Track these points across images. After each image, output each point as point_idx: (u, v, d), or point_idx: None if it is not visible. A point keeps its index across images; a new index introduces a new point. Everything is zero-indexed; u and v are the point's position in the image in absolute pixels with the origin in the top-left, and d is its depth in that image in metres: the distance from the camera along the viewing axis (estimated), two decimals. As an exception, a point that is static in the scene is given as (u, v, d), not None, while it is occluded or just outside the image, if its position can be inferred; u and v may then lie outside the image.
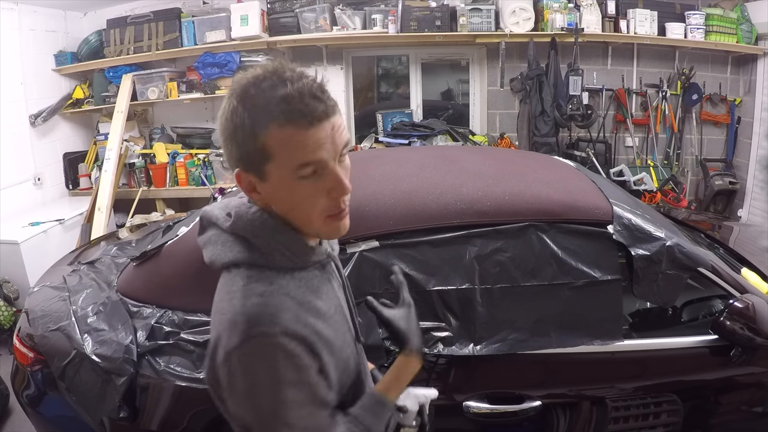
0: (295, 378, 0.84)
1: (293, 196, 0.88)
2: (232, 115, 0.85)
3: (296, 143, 0.83)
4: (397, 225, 1.70)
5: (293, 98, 0.82)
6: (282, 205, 0.91)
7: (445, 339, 1.64)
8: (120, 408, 1.60)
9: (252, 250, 0.91)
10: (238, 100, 0.85)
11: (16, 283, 3.58)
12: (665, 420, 1.71)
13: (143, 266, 1.90)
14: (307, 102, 0.83)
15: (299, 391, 0.85)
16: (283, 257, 0.91)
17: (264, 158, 0.85)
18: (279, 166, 0.85)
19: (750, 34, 4.43)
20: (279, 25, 4.41)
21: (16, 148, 4.17)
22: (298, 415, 0.85)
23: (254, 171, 0.88)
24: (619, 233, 1.72)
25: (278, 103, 0.82)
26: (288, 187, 0.87)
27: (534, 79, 4.20)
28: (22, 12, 4.18)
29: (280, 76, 0.84)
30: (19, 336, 1.87)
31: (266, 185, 0.88)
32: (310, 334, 0.87)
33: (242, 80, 0.87)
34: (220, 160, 4.57)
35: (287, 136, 0.83)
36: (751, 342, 1.65)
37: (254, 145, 0.84)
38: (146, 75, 4.57)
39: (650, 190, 4.27)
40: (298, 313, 0.87)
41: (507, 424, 1.67)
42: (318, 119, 0.83)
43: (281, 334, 0.83)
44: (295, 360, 0.84)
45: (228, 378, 0.85)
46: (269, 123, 0.83)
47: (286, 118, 0.82)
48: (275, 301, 0.87)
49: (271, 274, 0.90)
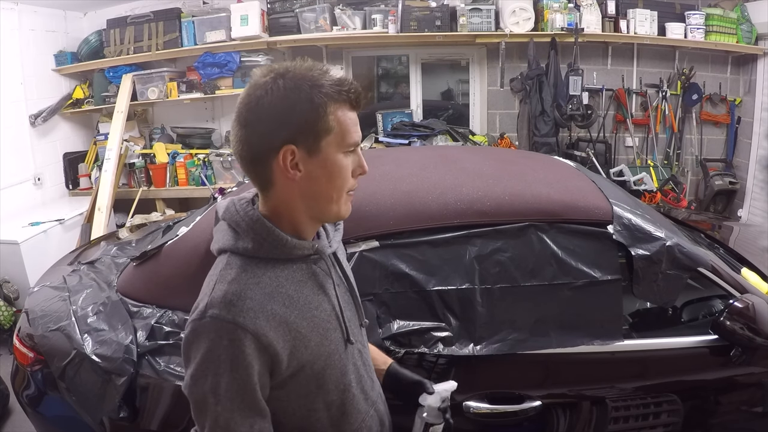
0: (229, 369, 0.87)
1: (339, 170, 0.96)
2: (288, 92, 0.92)
3: (349, 121, 0.96)
4: (397, 225, 1.70)
5: (345, 83, 0.95)
6: (315, 184, 0.96)
7: (445, 339, 1.64)
8: (120, 408, 1.59)
9: (238, 239, 0.97)
10: (292, 80, 0.93)
11: (16, 283, 3.58)
12: (665, 420, 1.71)
13: (143, 266, 1.90)
14: (354, 88, 0.96)
15: (229, 385, 0.88)
16: (261, 247, 0.96)
17: (324, 132, 0.94)
18: (335, 140, 0.95)
19: (750, 34, 4.43)
20: (279, 25, 4.41)
21: (16, 148, 4.18)
22: (217, 410, 0.88)
23: (308, 145, 0.94)
24: (619, 233, 1.72)
25: (337, 84, 0.94)
26: (336, 161, 0.96)
27: (534, 79, 4.21)
28: (22, 12, 4.18)
29: (320, 67, 0.96)
30: (19, 336, 1.87)
31: (314, 160, 0.95)
32: (267, 330, 0.89)
33: (282, 67, 0.95)
34: (219, 160, 4.57)
35: (345, 114, 0.95)
36: (751, 342, 1.65)
37: (316, 118, 0.93)
38: (146, 75, 4.57)
39: (650, 190, 4.27)
40: (263, 304, 0.91)
41: (507, 424, 1.67)
42: (360, 104, 0.97)
43: (232, 322, 0.88)
44: (236, 351, 0.87)
45: (182, 349, 0.93)
46: (330, 101, 0.93)
47: (345, 98, 0.95)
48: (240, 288, 0.91)
49: (249, 263, 0.95)
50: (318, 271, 1.03)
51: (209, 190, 4.36)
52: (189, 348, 0.90)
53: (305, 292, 0.99)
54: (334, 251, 1.10)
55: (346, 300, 1.10)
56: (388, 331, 1.62)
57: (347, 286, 1.13)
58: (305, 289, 0.99)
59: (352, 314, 1.11)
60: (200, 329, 0.89)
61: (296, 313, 0.95)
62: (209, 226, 1.79)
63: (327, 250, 1.06)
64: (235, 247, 0.96)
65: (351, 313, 1.11)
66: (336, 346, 1.02)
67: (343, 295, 1.09)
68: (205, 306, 0.90)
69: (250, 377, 0.88)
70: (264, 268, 0.95)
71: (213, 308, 0.89)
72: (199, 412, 0.90)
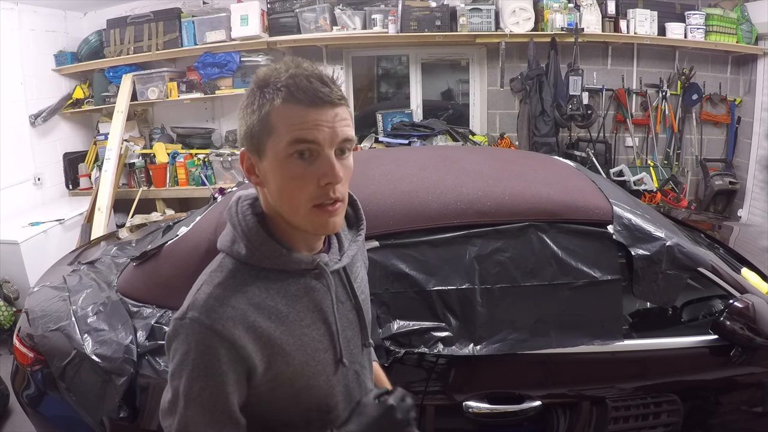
0: (204, 375, 0.86)
1: (283, 175, 0.87)
2: (247, 95, 0.90)
3: (296, 119, 0.85)
4: (397, 225, 1.70)
5: (300, 77, 0.86)
6: (272, 189, 0.90)
7: (445, 339, 1.64)
8: (120, 408, 1.59)
9: (234, 242, 0.94)
10: (255, 82, 0.90)
11: (16, 283, 3.58)
12: (665, 420, 1.71)
13: (143, 266, 1.90)
14: (313, 83, 0.85)
15: (202, 391, 0.86)
16: (254, 255, 0.92)
17: (266, 132, 0.87)
18: (276, 140, 0.86)
19: (750, 34, 4.43)
20: (279, 25, 4.41)
21: (16, 148, 4.17)
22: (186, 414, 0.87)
23: (255, 148, 0.89)
24: (619, 233, 1.72)
25: (286, 80, 0.86)
26: (280, 164, 0.87)
27: (534, 79, 4.21)
28: (22, 12, 4.18)
29: (298, 64, 0.88)
30: (19, 336, 1.87)
31: (263, 164, 0.89)
32: (246, 341, 0.86)
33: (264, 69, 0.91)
34: (219, 160, 4.57)
35: (289, 110, 0.85)
36: (751, 342, 1.65)
37: (258, 119, 0.87)
38: (146, 75, 4.57)
39: (650, 190, 4.27)
40: (245, 314, 0.88)
41: (507, 424, 1.67)
42: (320, 101, 0.85)
43: (210, 328, 0.85)
44: (211, 359, 0.85)
45: (165, 345, 0.91)
46: (275, 98, 0.86)
47: (290, 93, 0.85)
48: (224, 294, 0.88)
49: (241, 269, 0.92)
50: (317, 287, 0.96)
51: (209, 190, 4.36)
52: (169, 345, 0.90)
53: (298, 308, 0.93)
54: (344, 266, 1.02)
55: (349, 319, 1.03)
56: (388, 331, 1.62)
57: (353, 304, 1.04)
58: (298, 305, 0.94)
59: (354, 334, 1.04)
60: (179, 330, 0.87)
61: (282, 329, 0.91)
62: (209, 226, 1.80)
63: (333, 265, 0.99)
64: (230, 250, 0.94)
65: (353, 332, 1.04)
66: (324, 367, 0.96)
67: (346, 314, 1.02)
68: (187, 307, 0.88)
69: (223, 385, 0.86)
70: (255, 277, 0.91)
71: (193, 311, 0.87)
72: (168, 412, 0.89)
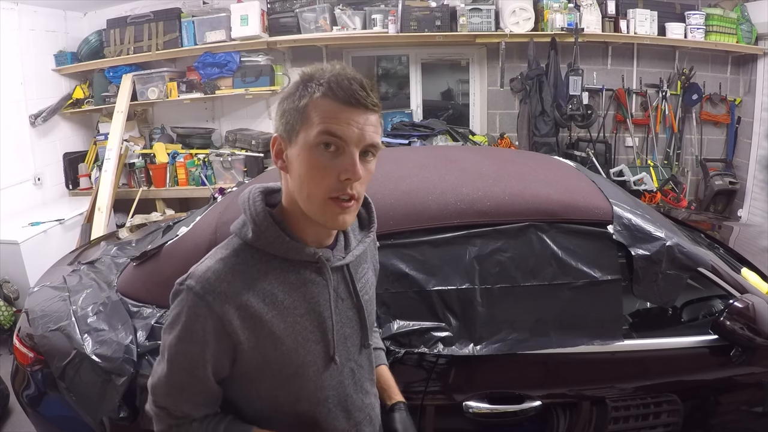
0: (186, 338, 0.94)
1: (308, 162, 0.92)
2: (291, 86, 0.97)
3: (330, 113, 0.91)
4: (397, 225, 1.69)
5: (343, 77, 0.92)
6: (294, 175, 0.95)
7: (445, 339, 1.64)
8: (120, 408, 1.59)
9: (244, 225, 1.00)
10: (300, 77, 0.96)
11: (16, 283, 3.58)
12: (665, 420, 1.71)
13: (143, 266, 1.90)
14: (353, 85, 0.91)
15: (181, 352, 0.95)
16: (259, 239, 0.97)
17: (300, 120, 0.93)
18: (308, 129, 0.92)
19: (750, 34, 4.43)
20: (279, 25, 4.41)
21: (16, 148, 4.18)
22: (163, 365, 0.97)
23: (288, 134, 0.95)
24: (619, 233, 1.72)
25: (329, 77, 0.92)
26: (307, 152, 0.92)
27: (534, 79, 4.21)
28: (22, 12, 4.18)
29: (343, 67, 0.95)
30: (19, 336, 1.87)
31: (292, 150, 0.95)
32: (234, 318, 0.92)
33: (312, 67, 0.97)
34: (219, 160, 4.57)
35: (326, 104, 0.91)
36: (751, 342, 1.65)
37: (296, 107, 0.93)
38: (146, 75, 4.57)
39: (650, 190, 4.27)
40: (239, 292, 0.93)
41: (507, 424, 1.67)
42: (356, 102, 0.91)
43: (202, 299, 0.92)
44: (196, 326, 0.92)
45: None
46: (315, 91, 0.92)
47: (330, 89, 0.91)
48: (223, 269, 0.95)
49: (246, 250, 0.98)
50: (317, 280, 1.00)
51: (209, 190, 4.36)
52: (171, 302, 0.97)
53: (294, 297, 0.98)
54: (347, 264, 1.05)
55: (348, 317, 1.06)
56: (388, 331, 1.62)
57: (353, 302, 1.07)
58: (295, 294, 0.98)
59: (352, 332, 1.07)
60: (177, 293, 0.95)
61: (274, 313, 0.96)
62: (209, 226, 1.80)
63: (335, 261, 1.02)
64: (239, 232, 0.99)
65: (352, 330, 1.07)
66: (314, 358, 1.00)
67: (345, 312, 1.05)
68: (188, 274, 0.95)
69: (202, 353, 0.94)
70: (258, 260, 0.97)
71: (191, 279, 0.94)
72: (160, 355, 1.00)
